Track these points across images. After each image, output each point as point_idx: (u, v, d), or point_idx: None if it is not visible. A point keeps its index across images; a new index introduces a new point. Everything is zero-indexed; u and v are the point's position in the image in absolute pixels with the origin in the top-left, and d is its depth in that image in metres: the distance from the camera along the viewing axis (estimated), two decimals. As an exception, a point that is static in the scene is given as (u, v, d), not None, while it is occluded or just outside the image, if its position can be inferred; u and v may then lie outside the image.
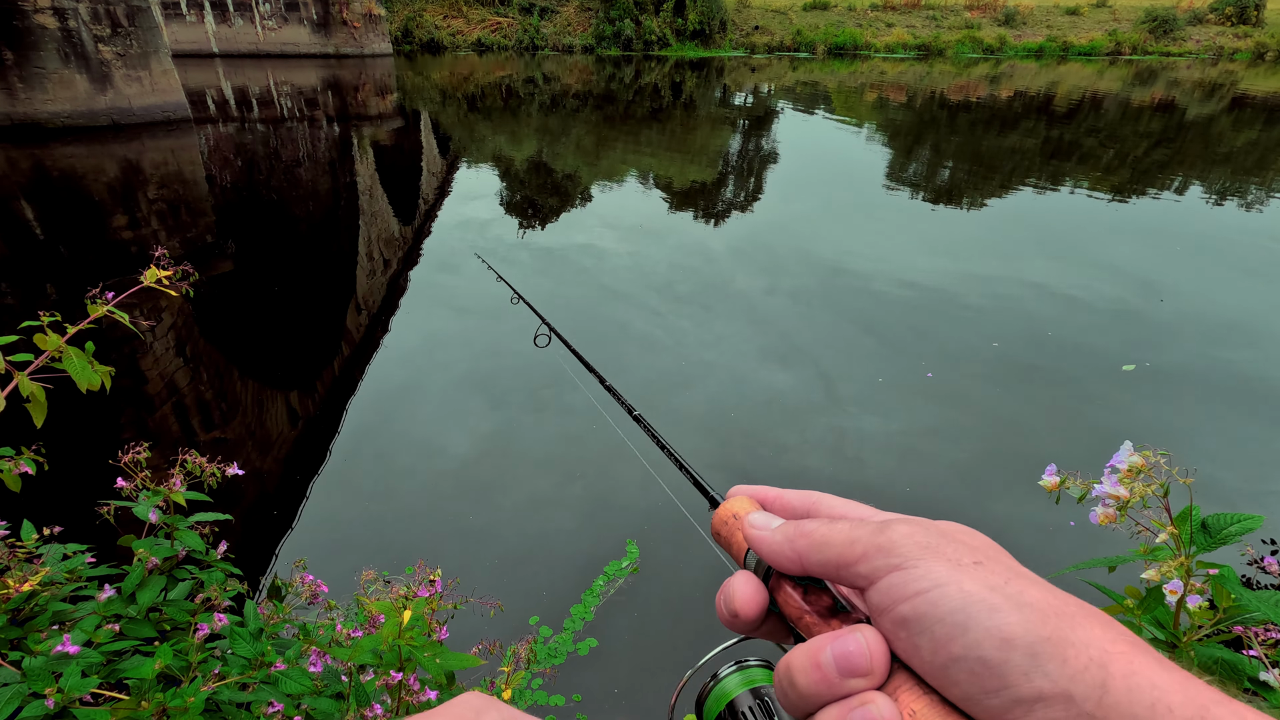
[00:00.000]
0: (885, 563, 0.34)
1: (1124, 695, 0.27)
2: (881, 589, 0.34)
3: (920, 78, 28.77)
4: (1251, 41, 36.25)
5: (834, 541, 0.37)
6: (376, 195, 11.91)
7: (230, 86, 23.64)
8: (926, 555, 0.33)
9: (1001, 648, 0.29)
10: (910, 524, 0.36)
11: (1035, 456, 4.80)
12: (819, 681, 0.34)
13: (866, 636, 0.34)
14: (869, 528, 0.36)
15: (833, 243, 9.31)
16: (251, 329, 6.94)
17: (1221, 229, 10.06)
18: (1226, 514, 0.70)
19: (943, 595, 0.31)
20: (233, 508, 4.04)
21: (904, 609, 0.33)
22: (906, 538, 0.34)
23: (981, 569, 0.32)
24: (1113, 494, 0.74)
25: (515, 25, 35.71)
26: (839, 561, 0.36)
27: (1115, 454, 0.75)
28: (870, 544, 0.35)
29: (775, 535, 0.40)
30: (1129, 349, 6.28)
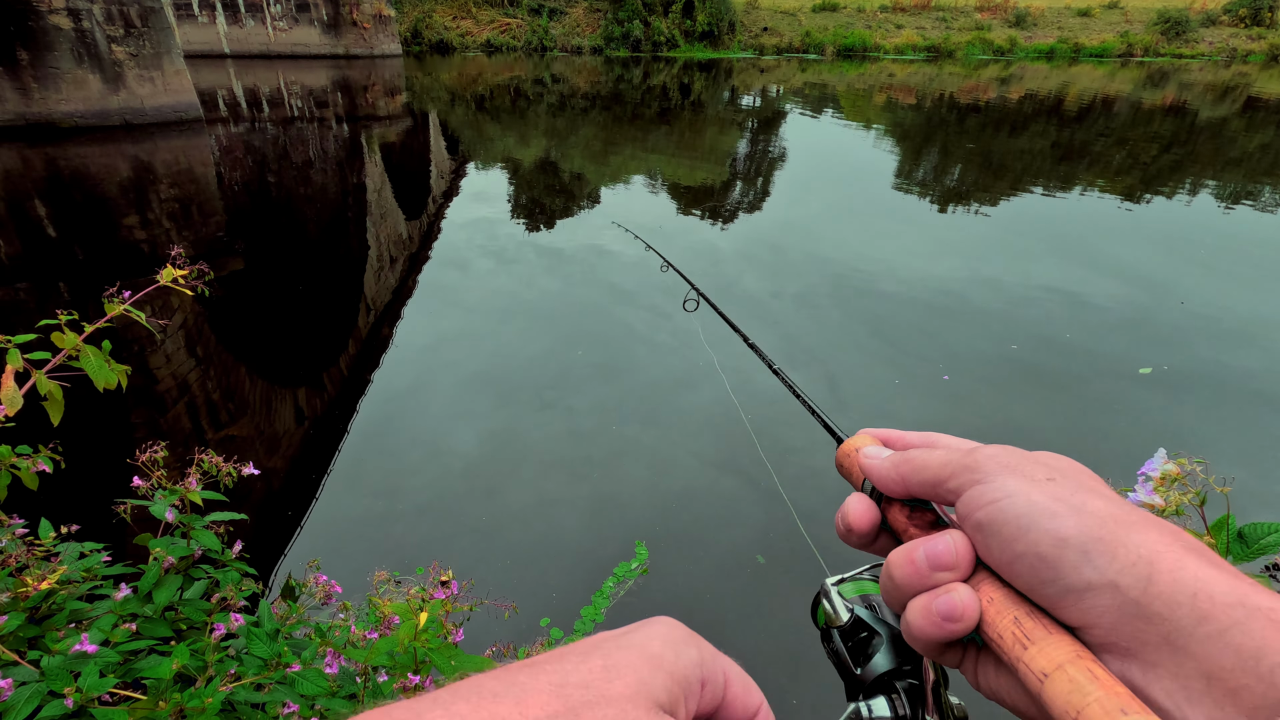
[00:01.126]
0: (969, 478, 0.40)
1: (1168, 585, 0.31)
2: (965, 500, 0.39)
3: (930, 79, 28.66)
4: (1265, 44, 35.94)
5: (931, 465, 0.43)
6: (385, 195, 11.96)
7: (241, 87, 23.78)
8: (1004, 472, 0.39)
9: (1057, 545, 0.34)
10: (997, 448, 0.42)
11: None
12: (912, 575, 0.39)
13: (954, 537, 0.39)
14: (960, 452, 0.42)
15: (841, 244, 9.29)
16: (261, 328, 6.98)
17: (1235, 232, 9.97)
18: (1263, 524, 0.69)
19: (1011, 503, 0.37)
20: (243, 506, 4.06)
21: (980, 515, 0.38)
22: (990, 459, 0.40)
23: (1053, 484, 0.37)
24: (1147, 503, 0.73)
25: (524, 26, 35.76)
26: (934, 480, 0.42)
27: (1148, 461, 0.74)
28: (959, 464, 0.41)
29: (884, 463, 0.46)
30: (1145, 352, 6.24)
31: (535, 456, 4.78)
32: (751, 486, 4.40)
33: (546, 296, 7.55)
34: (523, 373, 5.90)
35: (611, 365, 6.02)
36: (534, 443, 4.94)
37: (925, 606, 0.38)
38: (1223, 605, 0.29)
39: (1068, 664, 0.32)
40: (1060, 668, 0.32)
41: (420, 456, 4.76)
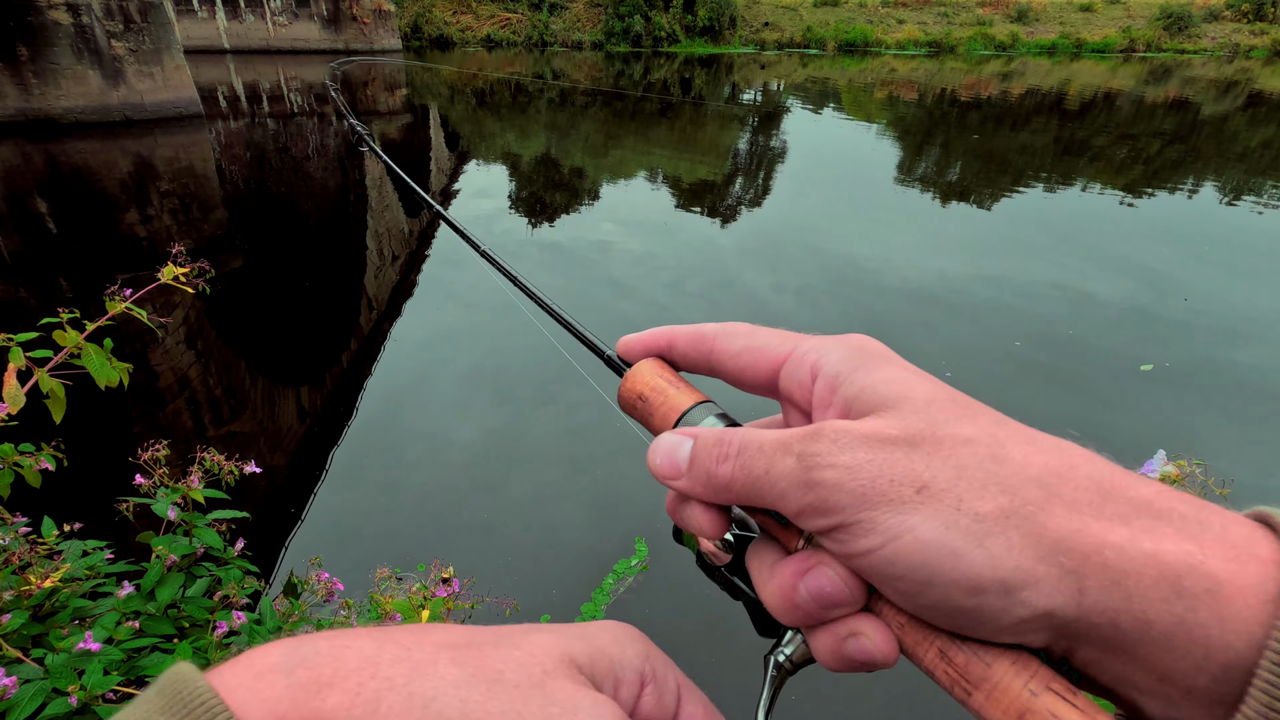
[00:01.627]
0: (826, 521, 0.31)
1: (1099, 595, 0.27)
2: (831, 541, 0.32)
3: (931, 75, 28.58)
4: (1269, 39, 35.83)
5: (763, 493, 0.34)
6: (385, 191, 11.95)
7: (241, 82, 23.74)
8: (863, 505, 0.30)
9: (972, 594, 0.28)
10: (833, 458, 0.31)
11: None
12: (803, 618, 0.33)
13: (836, 572, 0.32)
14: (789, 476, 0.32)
15: (842, 240, 9.28)
16: (262, 324, 6.98)
17: (1238, 228, 9.95)
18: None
19: (899, 550, 0.29)
20: (245, 504, 4.07)
21: (861, 563, 0.31)
22: (835, 489, 0.31)
23: (928, 496, 0.29)
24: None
25: (524, 21, 35.68)
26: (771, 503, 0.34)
27: (1147, 463, 0.74)
28: (801, 504, 0.32)
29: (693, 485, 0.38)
30: (1147, 348, 6.23)
31: (536, 452, 4.78)
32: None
33: (548, 291, 7.51)
34: (523, 368, 5.90)
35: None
36: (535, 438, 4.95)
37: (834, 652, 0.33)
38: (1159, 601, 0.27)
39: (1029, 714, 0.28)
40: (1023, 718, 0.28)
41: (422, 452, 4.77)
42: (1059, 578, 0.28)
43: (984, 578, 0.28)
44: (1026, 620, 0.28)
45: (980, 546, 0.28)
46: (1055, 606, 0.28)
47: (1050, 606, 0.28)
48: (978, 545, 0.28)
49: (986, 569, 0.28)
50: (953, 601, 0.29)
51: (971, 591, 0.28)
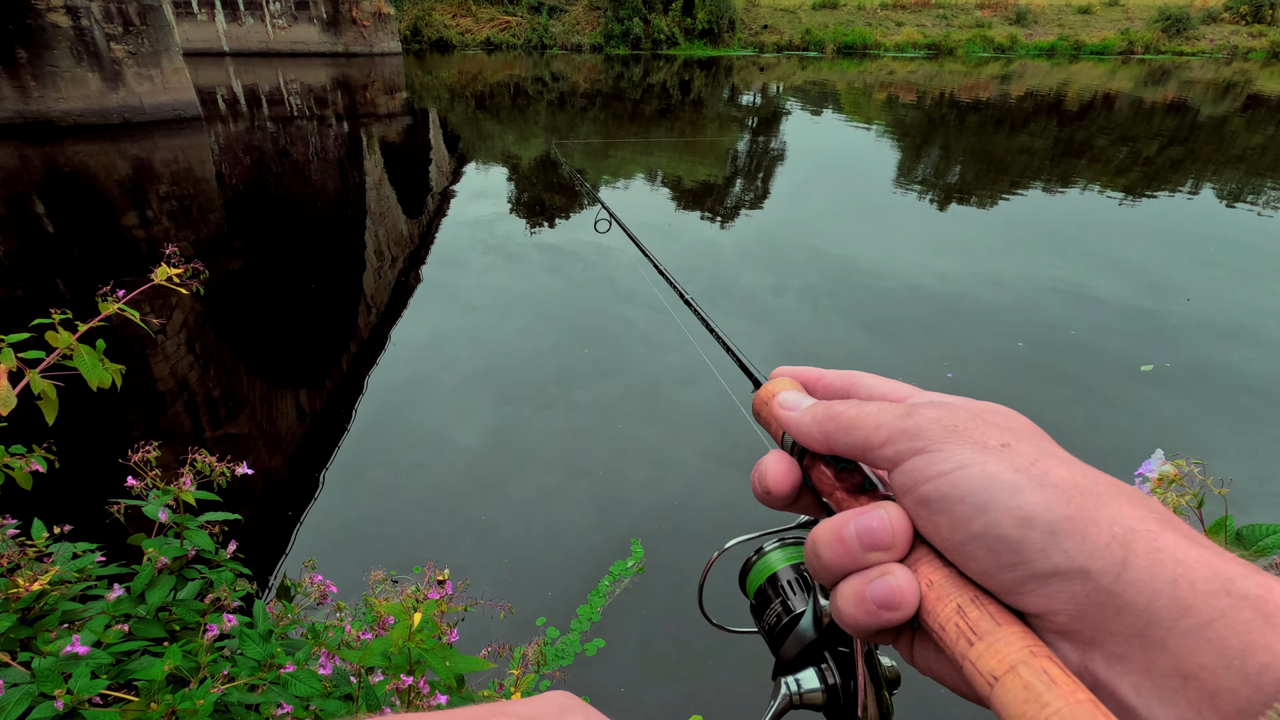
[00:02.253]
0: (909, 446, 0.34)
1: (1144, 571, 0.27)
2: (905, 470, 0.34)
3: (930, 77, 28.62)
4: (1267, 40, 35.88)
5: (861, 425, 0.37)
6: (385, 193, 11.95)
7: (240, 85, 23.76)
8: (951, 438, 0.34)
9: (1020, 526, 0.30)
10: (939, 407, 0.36)
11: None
12: (842, 554, 0.35)
13: (890, 512, 0.35)
14: (896, 411, 0.36)
15: (841, 242, 9.28)
16: (260, 326, 6.97)
17: (1237, 229, 9.96)
18: (1262, 525, 0.68)
19: (964, 476, 0.32)
20: (241, 506, 4.05)
21: (926, 489, 0.33)
22: (933, 422, 0.35)
23: (1009, 450, 0.33)
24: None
25: (524, 24, 35.73)
26: (865, 444, 0.37)
27: (1145, 462, 0.73)
28: (896, 428, 0.35)
29: (804, 416, 0.41)
30: (1147, 349, 6.23)
31: (535, 454, 4.77)
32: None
33: (547, 293, 7.54)
34: (523, 370, 5.90)
35: (612, 362, 6.02)
36: (534, 440, 4.94)
37: (858, 592, 0.34)
38: (1205, 594, 0.26)
39: (1021, 665, 0.29)
40: (1012, 670, 0.29)
41: (421, 454, 4.76)
42: (1107, 543, 0.28)
43: (1036, 514, 0.30)
44: (1062, 571, 0.29)
45: (1040, 490, 0.30)
46: (1095, 567, 0.28)
47: (1090, 565, 0.28)
48: (1039, 489, 0.30)
49: (1040, 507, 0.30)
50: (1000, 529, 0.30)
51: (1021, 523, 0.30)
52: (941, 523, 0.33)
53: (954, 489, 0.32)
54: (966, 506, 0.31)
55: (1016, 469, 0.31)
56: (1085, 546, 0.28)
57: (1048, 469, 0.31)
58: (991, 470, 0.31)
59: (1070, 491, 0.30)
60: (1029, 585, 0.30)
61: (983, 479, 0.31)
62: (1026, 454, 0.32)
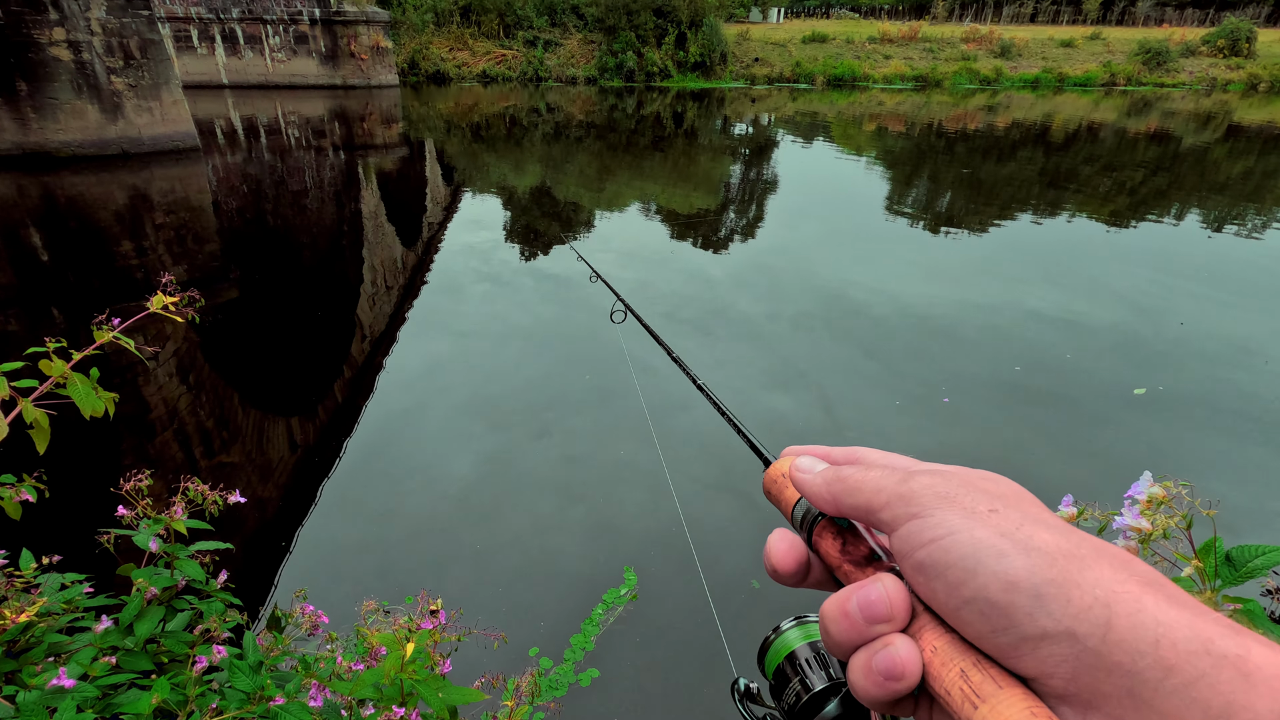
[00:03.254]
0: (905, 510, 0.36)
1: (1128, 632, 0.28)
2: (902, 535, 0.36)
3: (918, 108, 29.18)
4: (1244, 73, 36.81)
5: (864, 488, 0.39)
6: (381, 222, 12.03)
7: (239, 116, 24.03)
8: (943, 504, 0.35)
9: (1007, 590, 0.31)
10: (934, 474, 0.38)
11: (1049, 481, 4.76)
12: (849, 629, 0.36)
13: (886, 584, 0.36)
14: (895, 476, 0.39)
15: (834, 269, 9.36)
16: (256, 355, 6.95)
17: (1221, 255, 10.10)
18: (1251, 546, 0.68)
19: (955, 542, 0.34)
20: (232, 536, 4.00)
21: (920, 555, 0.35)
22: (927, 488, 0.37)
23: (996, 516, 0.34)
24: (1134, 526, 0.72)
25: (520, 57, 36.37)
26: (867, 506, 0.39)
27: (1134, 484, 0.73)
28: (894, 492, 0.38)
29: (816, 479, 0.43)
30: (1139, 372, 6.27)
31: (530, 481, 4.74)
32: (749, 508, 4.37)
33: (542, 321, 7.56)
34: (518, 397, 5.89)
35: (607, 389, 6.02)
36: (529, 467, 4.91)
37: (865, 664, 0.35)
38: (1187, 654, 0.27)
39: None
40: None
41: (415, 483, 4.72)
42: (1090, 605, 0.30)
43: (1021, 578, 0.31)
44: (1050, 634, 0.30)
45: (1025, 555, 0.32)
46: (1080, 630, 0.29)
47: (1075, 628, 0.29)
48: (1023, 553, 0.32)
49: (1024, 572, 0.31)
50: (988, 594, 0.32)
51: (1007, 587, 0.31)
52: (937, 588, 0.34)
53: (945, 554, 0.34)
54: (957, 571, 0.33)
55: (1002, 534, 0.33)
56: (1070, 609, 0.30)
57: (1032, 534, 0.33)
58: (979, 536, 0.33)
59: (1054, 555, 0.32)
60: (1022, 648, 0.31)
61: (971, 544, 0.33)
62: (1013, 519, 0.34)
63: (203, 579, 1.15)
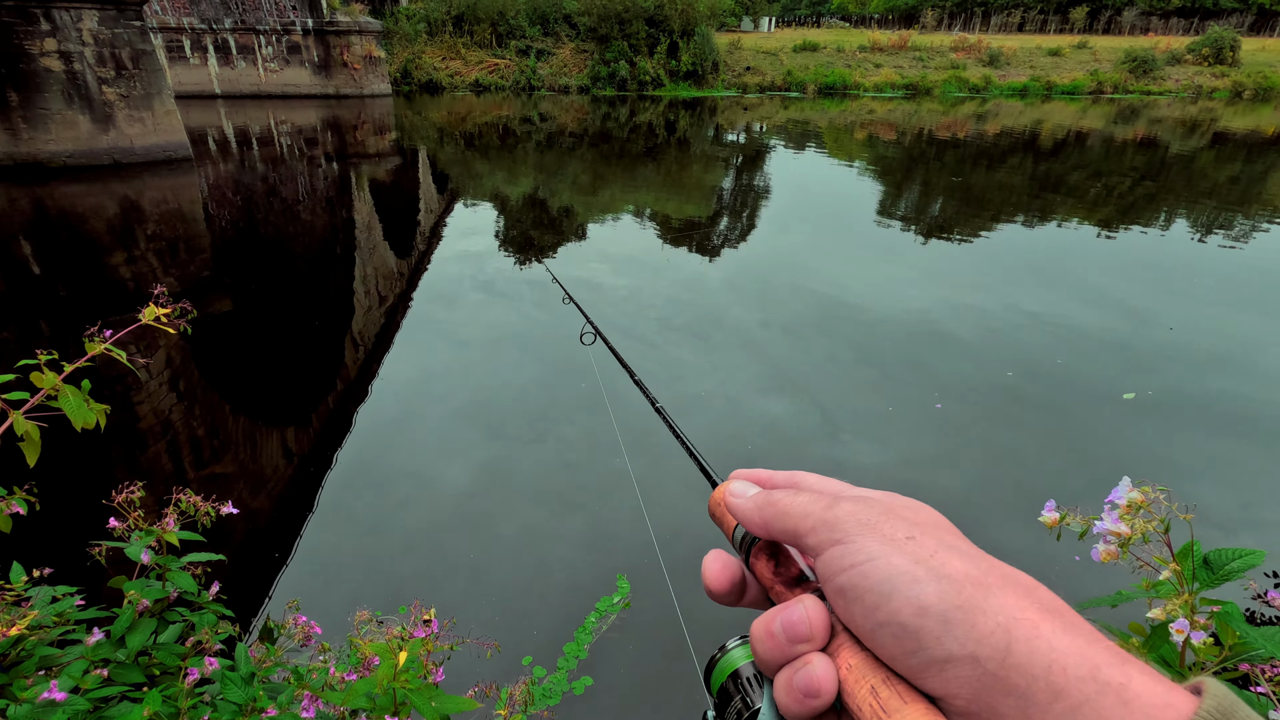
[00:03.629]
0: (829, 536, 0.38)
1: (1024, 657, 0.31)
2: (825, 560, 0.38)
3: (909, 116, 29.41)
4: (1229, 81, 37.26)
5: (792, 512, 0.41)
6: (374, 231, 12.02)
7: (231, 126, 24.00)
8: (864, 531, 0.37)
9: (918, 615, 0.33)
10: (858, 502, 0.40)
11: (1039, 485, 4.79)
12: (774, 648, 0.38)
13: (807, 606, 0.38)
14: (822, 502, 0.40)
15: (827, 275, 9.40)
16: (247, 366, 6.93)
17: (1209, 260, 10.20)
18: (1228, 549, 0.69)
19: (873, 568, 0.35)
20: (225, 547, 3.97)
21: (841, 579, 0.37)
22: (849, 515, 0.38)
23: (913, 543, 0.36)
24: (1114, 530, 0.74)
25: (512, 67, 36.49)
26: (795, 531, 0.41)
27: (1114, 489, 0.75)
28: (819, 518, 0.39)
29: (748, 503, 0.45)
30: (1128, 377, 6.32)
31: (524, 489, 4.74)
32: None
33: (537, 328, 7.56)
34: (513, 405, 5.88)
35: (602, 396, 6.02)
36: (523, 475, 4.90)
37: (788, 682, 0.37)
38: (1075, 679, 0.30)
39: None
40: None
41: (409, 491, 4.71)
42: (992, 631, 0.32)
43: (930, 604, 0.33)
44: (955, 658, 0.32)
45: (936, 581, 0.34)
46: (982, 654, 0.31)
47: (978, 652, 0.31)
48: (935, 580, 0.34)
49: (934, 598, 0.33)
50: (901, 618, 0.34)
51: (918, 612, 0.33)
52: (855, 611, 0.36)
53: (864, 580, 0.35)
54: (874, 596, 0.35)
55: (916, 561, 0.35)
56: (974, 634, 0.32)
57: (945, 561, 0.35)
58: (895, 562, 0.35)
59: (962, 583, 0.33)
60: (930, 670, 0.33)
61: (887, 570, 0.35)
62: (927, 547, 0.36)
63: (195, 591, 1.15)
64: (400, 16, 36.60)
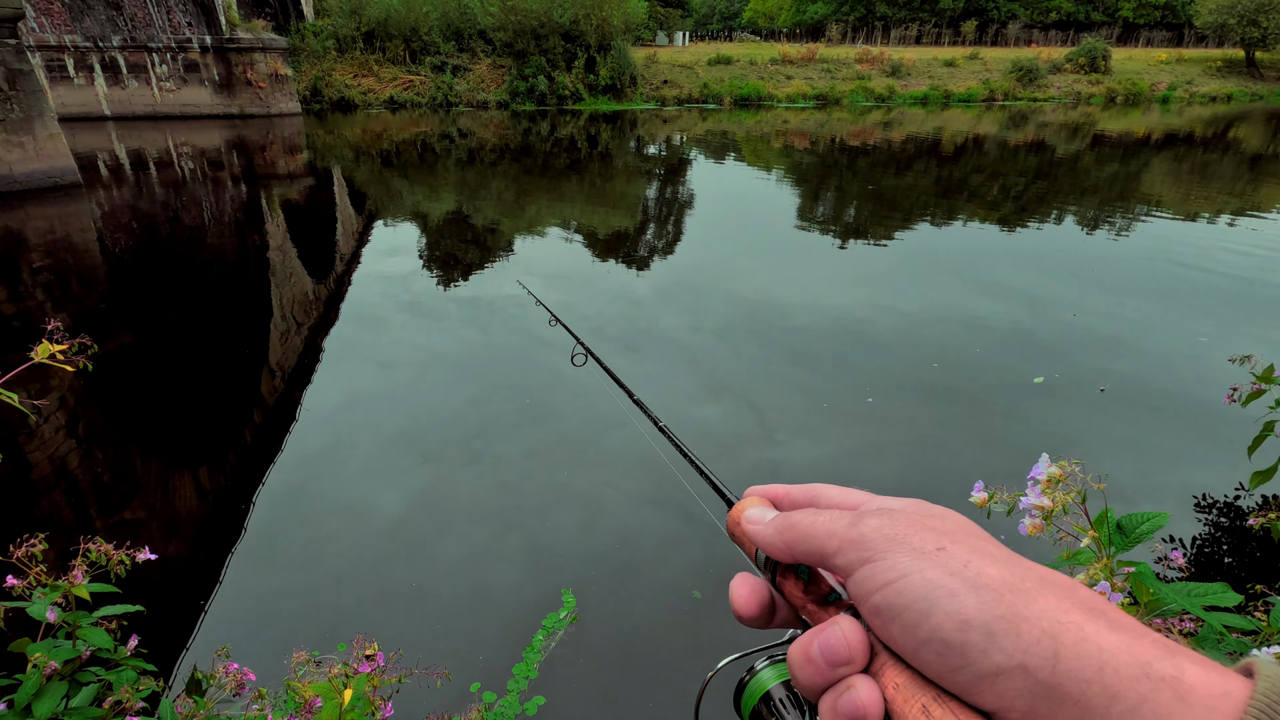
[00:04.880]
0: (858, 555, 0.37)
1: (1074, 661, 0.30)
2: (857, 580, 0.37)
3: (821, 125, 30.60)
4: (1103, 87, 40.61)
5: (816, 533, 0.40)
6: (289, 255, 11.52)
7: (125, 149, 22.54)
8: (893, 547, 0.36)
9: (961, 629, 0.32)
10: (881, 515, 0.39)
11: (966, 468, 5.04)
12: (814, 674, 0.37)
13: (844, 628, 0.37)
14: (845, 520, 0.39)
15: (753, 281, 9.64)
16: (156, 403, 6.48)
17: (1098, 251, 11.05)
18: (1137, 514, 0.76)
19: (907, 585, 0.34)
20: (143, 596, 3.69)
21: (876, 599, 0.36)
22: (876, 530, 0.37)
23: (944, 554, 0.35)
24: (1037, 505, 0.79)
25: (428, 83, 35.82)
26: (821, 552, 0.40)
27: (1035, 466, 0.80)
28: (844, 538, 0.38)
29: (768, 529, 0.44)
30: (1037, 363, 6.75)
31: (462, 511, 4.62)
32: (687, 521, 4.40)
33: (468, 347, 7.42)
34: (447, 426, 5.74)
35: (538, 411, 5.95)
36: (461, 496, 4.78)
37: (832, 707, 0.36)
38: (1129, 680, 0.29)
39: None
40: None
41: (341, 522, 4.51)
42: (1038, 638, 0.31)
43: (972, 617, 0.32)
44: (1004, 670, 0.31)
45: (974, 592, 0.33)
46: (1031, 663, 0.30)
47: (1026, 661, 0.31)
48: (973, 591, 0.33)
49: (975, 610, 0.32)
50: (943, 634, 0.33)
51: (960, 627, 0.32)
52: (894, 630, 0.35)
53: (900, 597, 0.34)
54: (912, 614, 0.34)
55: (952, 573, 0.34)
56: (1020, 643, 0.31)
57: (980, 569, 0.34)
58: (930, 576, 0.34)
59: (1001, 591, 0.33)
60: (980, 684, 0.32)
61: (923, 586, 0.34)
62: (960, 556, 0.35)
63: (110, 647, 1.06)
64: (307, 33, 35.36)
